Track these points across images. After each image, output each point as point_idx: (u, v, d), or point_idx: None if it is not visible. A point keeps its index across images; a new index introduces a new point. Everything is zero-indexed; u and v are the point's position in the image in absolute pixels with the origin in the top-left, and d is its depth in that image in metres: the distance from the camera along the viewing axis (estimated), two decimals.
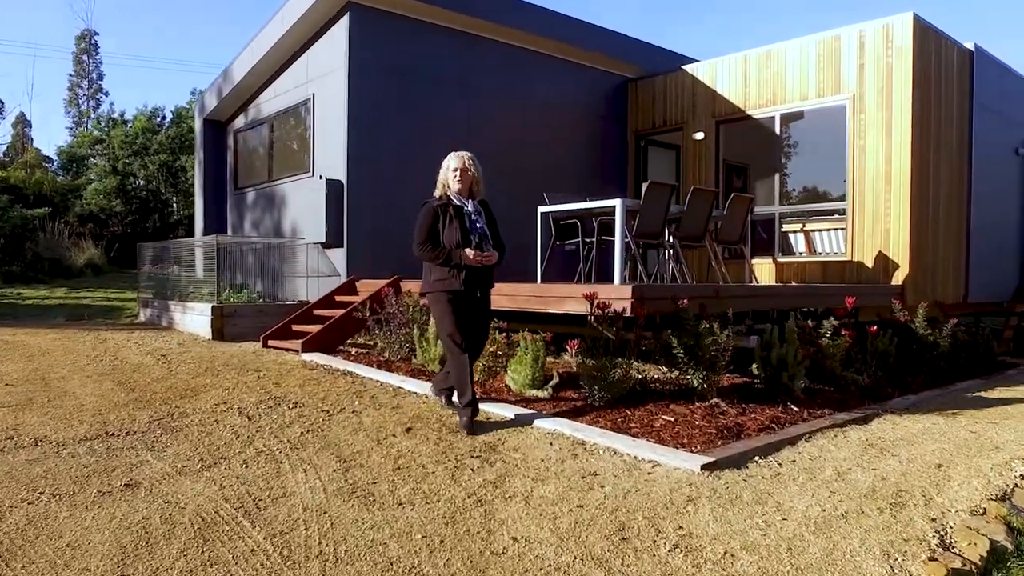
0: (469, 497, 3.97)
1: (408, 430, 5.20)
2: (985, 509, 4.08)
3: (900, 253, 9.15)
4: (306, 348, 8.17)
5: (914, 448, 5.13)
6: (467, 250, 5.14)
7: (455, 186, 5.32)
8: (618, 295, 5.94)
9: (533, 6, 11.19)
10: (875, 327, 7.32)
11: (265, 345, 8.73)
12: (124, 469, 4.31)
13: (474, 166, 5.35)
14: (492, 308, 7.39)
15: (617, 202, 7.98)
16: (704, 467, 4.44)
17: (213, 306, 9.42)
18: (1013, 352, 10.56)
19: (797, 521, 3.74)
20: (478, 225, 5.28)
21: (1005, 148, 11.24)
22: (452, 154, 5.42)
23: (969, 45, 10.29)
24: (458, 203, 5.30)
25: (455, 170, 5.32)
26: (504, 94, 11.20)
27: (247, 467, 4.36)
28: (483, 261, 5.20)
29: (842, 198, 9.83)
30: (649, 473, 4.38)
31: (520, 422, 5.41)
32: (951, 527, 3.77)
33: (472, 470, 4.41)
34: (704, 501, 3.97)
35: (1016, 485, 4.46)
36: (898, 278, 9.10)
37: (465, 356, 5.21)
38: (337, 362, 7.70)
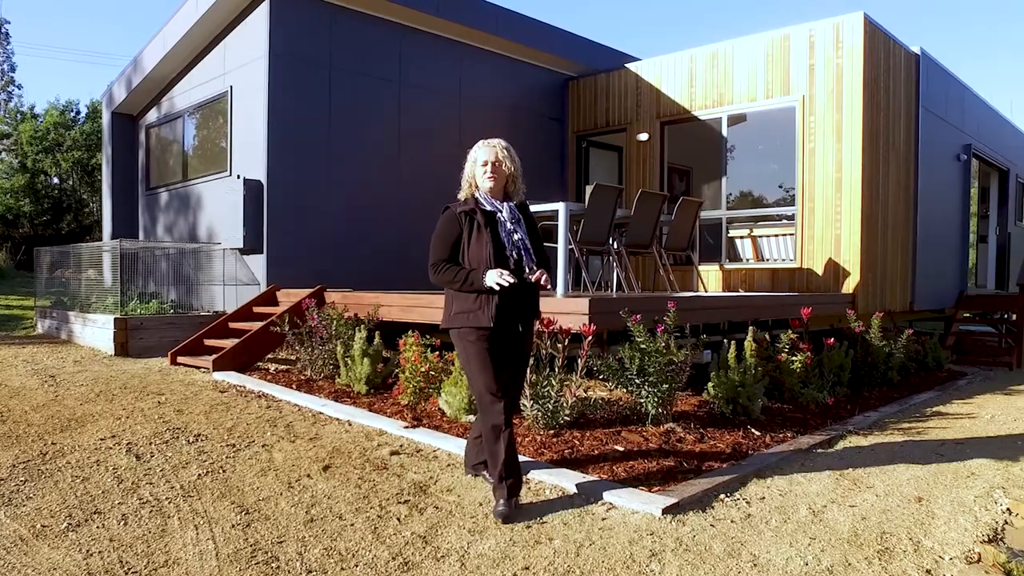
0: (394, 559, 3.32)
1: (326, 468, 4.51)
2: (979, 555, 3.62)
3: (851, 260, 8.82)
4: (218, 366, 7.37)
5: (888, 478, 4.67)
6: (492, 272, 3.76)
7: (485, 185, 4.03)
8: (569, 310, 5.36)
9: None
10: (831, 339, 6.93)
11: (174, 362, 7.90)
12: None
13: (510, 158, 4.06)
14: (423, 322, 6.77)
15: (560, 206, 7.42)
16: (666, 510, 3.88)
17: (116, 318, 8.52)
18: (955, 359, 10.40)
19: None
20: (516, 236, 3.97)
21: (947, 154, 11.10)
22: (480, 143, 4.12)
23: (915, 48, 10.07)
24: (489, 208, 4.00)
25: (485, 164, 4.02)
26: (439, 90, 10.54)
27: (125, 524, 3.61)
28: (544, 282, 3.89)
29: (791, 203, 9.48)
30: (604, 519, 3.80)
31: (456, 456, 4.78)
32: None
33: (399, 520, 3.76)
34: (670, 556, 3.40)
35: (1006, 522, 4.03)
36: (849, 286, 8.77)
37: (503, 416, 3.86)
38: (252, 382, 6.94)
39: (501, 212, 4.01)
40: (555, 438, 5.07)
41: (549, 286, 3.94)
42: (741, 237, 10.16)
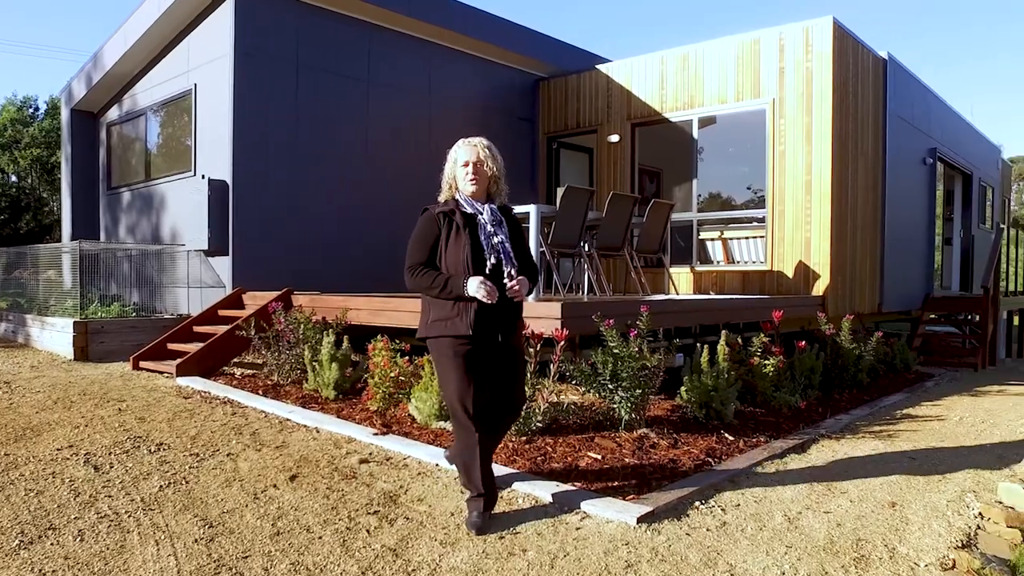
0: (363, 574, 3.22)
1: (293, 478, 4.39)
2: (954, 561, 3.61)
3: (821, 263, 8.86)
4: (182, 371, 7.19)
5: (861, 482, 4.67)
6: (474, 280, 3.61)
7: (467, 187, 3.83)
8: (541, 315, 5.28)
9: None
10: (802, 342, 6.94)
11: (136, 367, 7.69)
12: None
13: (492, 158, 3.86)
14: (394, 326, 6.66)
15: (531, 208, 7.35)
16: (641, 519, 3.82)
17: (76, 321, 8.28)
18: (922, 360, 10.52)
19: None
20: (496, 240, 3.77)
21: (914, 158, 11.22)
22: (461, 142, 3.92)
23: (883, 53, 10.16)
24: (470, 210, 3.81)
25: (466, 164, 3.82)
26: (408, 90, 10.42)
27: (82, 541, 3.47)
28: (513, 294, 3.73)
29: (761, 205, 9.50)
30: (578, 528, 3.73)
31: (426, 464, 4.68)
32: None
33: (368, 532, 3.65)
34: (645, 567, 3.34)
35: (979, 527, 4.04)
36: (819, 289, 8.82)
37: (477, 435, 3.72)
38: (217, 388, 6.78)
39: (482, 214, 3.81)
40: (527, 444, 4.99)
41: (521, 297, 3.78)
42: (712, 239, 10.17)
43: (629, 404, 5.33)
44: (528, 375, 5.21)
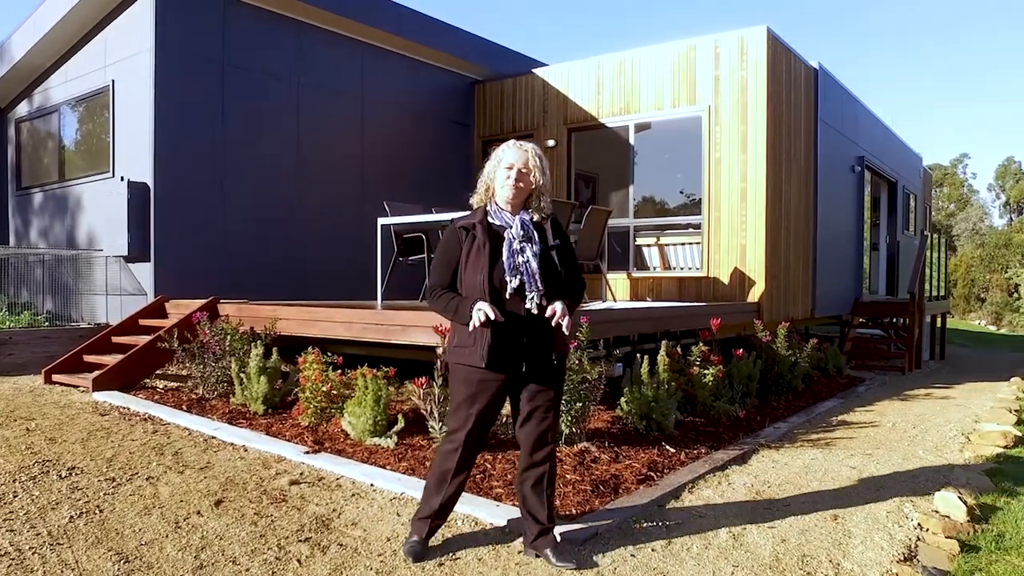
0: None
1: (218, 503, 4.12)
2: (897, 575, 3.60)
3: (756, 269, 8.94)
4: (99, 385, 6.79)
5: (803, 493, 4.66)
6: (481, 304, 3.20)
7: (504, 192, 3.36)
8: None
9: None
10: (740, 350, 6.96)
11: (48, 381, 7.24)
12: None
13: (540, 169, 3.38)
14: (324, 336, 6.41)
15: None
16: (585, 541, 3.70)
17: None
18: (854, 364, 10.74)
19: None
20: (522, 258, 3.29)
21: (843, 165, 11.46)
22: (511, 143, 3.44)
23: (814, 63, 10.34)
24: (498, 222, 3.37)
25: (510, 167, 3.35)
26: (341, 91, 10.13)
27: None
28: (557, 321, 3.28)
29: (697, 211, 9.54)
30: (520, 552, 3.58)
31: (361, 484, 4.48)
32: None
33: (299, 562, 3.44)
34: None
35: (918, 538, 4.04)
36: (754, 295, 8.89)
37: (462, 476, 3.48)
38: (137, 403, 6.42)
39: (511, 226, 3.35)
40: None
41: (563, 323, 3.29)
42: (649, 245, 10.18)
43: (569, 418, 5.22)
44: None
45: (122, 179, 8.42)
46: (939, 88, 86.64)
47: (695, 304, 8.34)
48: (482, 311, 3.17)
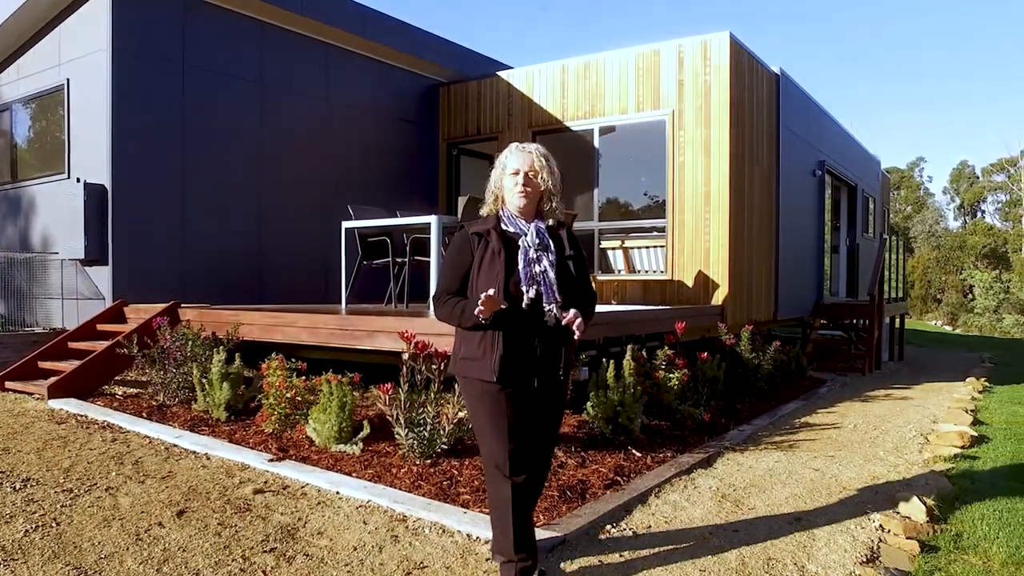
0: None
1: (181, 514, 4.05)
2: None
3: (720, 273, 9.03)
4: (55, 392, 6.63)
5: (767, 497, 4.71)
6: (487, 296, 3.01)
7: (515, 201, 3.24)
8: (445, 332, 5.07)
9: None
10: (704, 353, 7.02)
11: (1, 388, 7.06)
12: None
13: (548, 170, 3.28)
14: (287, 342, 6.33)
15: (432, 219, 7.17)
16: (554, 548, 3.70)
17: None
18: (815, 365, 10.89)
19: None
20: (539, 267, 3.14)
21: (804, 170, 11.64)
22: (514, 147, 3.35)
23: (776, 68, 10.48)
24: (512, 229, 3.24)
25: (515, 173, 3.25)
26: (304, 92, 10.03)
27: None
28: (573, 327, 3.14)
29: (662, 214, 9.60)
30: (488, 560, 3.57)
31: (326, 492, 4.42)
32: None
33: (265, 573, 3.39)
34: None
35: (880, 539, 4.10)
36: (718, 298, 8.97)
37: (510, 482, 3.19)
38: (96, 410, 6.28)
39: (526, 233, 3.21)
40: (432, 468, 4.80)
41: (578, 331, 3.14)
42: (613, 248, 10.23)
43: None
44: (433, 395, 5.02)
45: (78, 180, 8.24)
46: (896, 92, 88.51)
47: (660, 308, 8.39)
48: (483, 295, 2.99)
